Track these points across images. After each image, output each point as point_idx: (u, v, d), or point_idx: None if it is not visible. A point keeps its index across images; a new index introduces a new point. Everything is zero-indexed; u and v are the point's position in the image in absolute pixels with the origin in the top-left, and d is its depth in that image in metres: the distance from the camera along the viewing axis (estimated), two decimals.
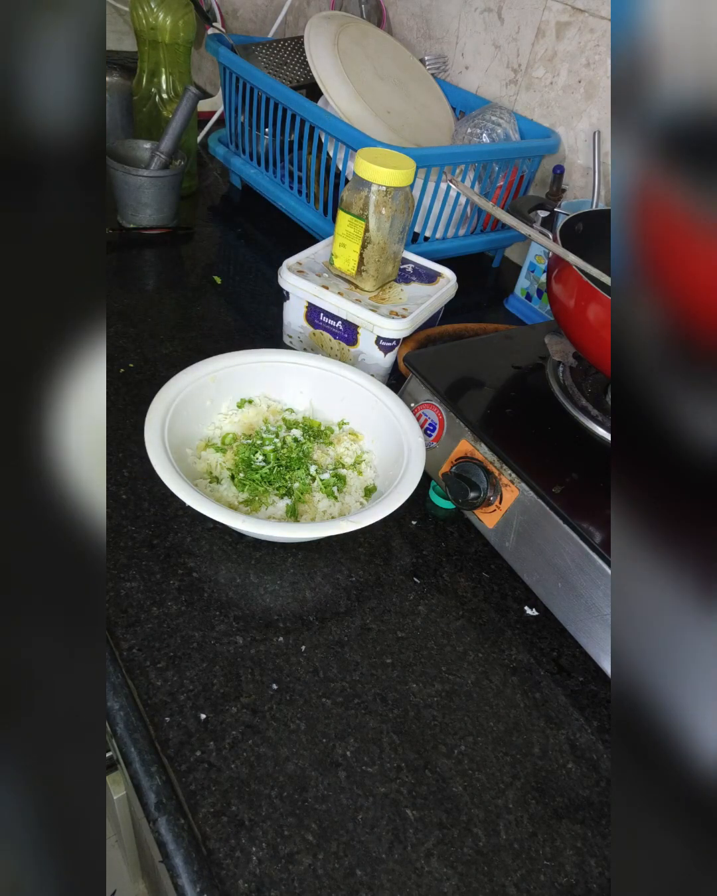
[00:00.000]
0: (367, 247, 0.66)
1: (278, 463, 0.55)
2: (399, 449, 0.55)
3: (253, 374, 0.60)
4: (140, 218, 0.88)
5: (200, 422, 0.58)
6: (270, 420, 0.60)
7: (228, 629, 0.47)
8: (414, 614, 0.51)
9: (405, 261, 0.75)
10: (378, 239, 0.66)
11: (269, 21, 1.23)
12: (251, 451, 0.55)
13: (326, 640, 0.48)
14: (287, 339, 0.74)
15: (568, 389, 0.58)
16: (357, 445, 0.60)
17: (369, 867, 0.38)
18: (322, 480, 0.55)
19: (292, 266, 0.69)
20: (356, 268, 0.68)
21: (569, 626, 0.49)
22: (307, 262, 0.71)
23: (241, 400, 0.61)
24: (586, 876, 0.39)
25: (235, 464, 0.55)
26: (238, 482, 0.53)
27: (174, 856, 0.37)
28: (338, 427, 0.62)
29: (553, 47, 0.85)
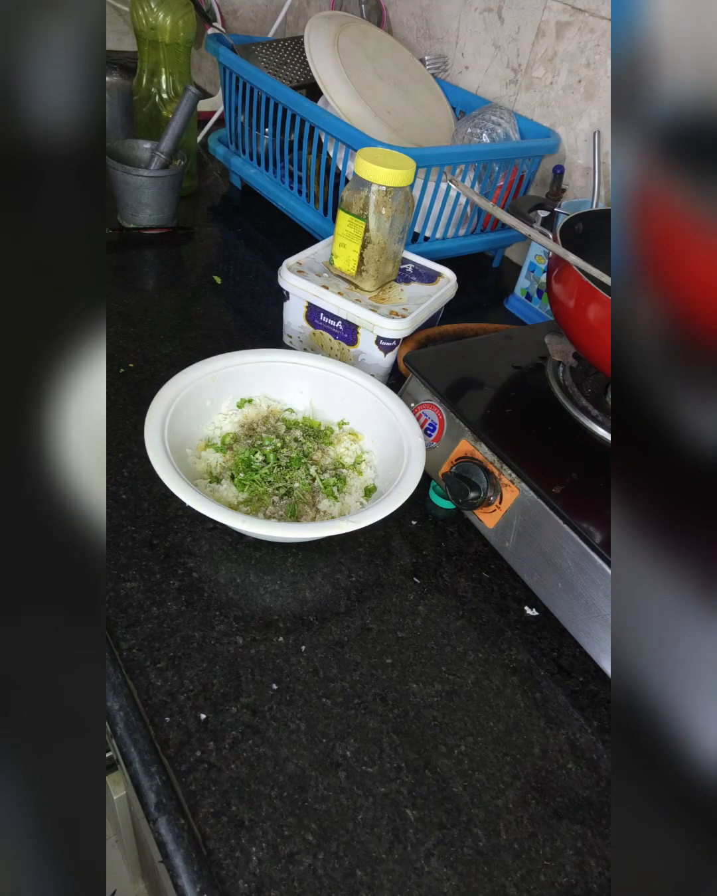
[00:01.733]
0: (367, 247, 0.66)
1: (278, 463, 0.55)
2: (399, 449, 0.55)
3: (253, 374, 0.60)
4: (140, 218, 0.88)
5: (200, 422, 0.58)
6: (271, 420, 0.60)
7: (228, 629, 0.47)
8: (414, 614, 0.51)
9: (405, 261, 0.75)
10: (378, 239, 0.66)
11: (269, 21, 1.23)
12: (251, 451, 0.55)
13: (326, 640, 0.48)
14: (287, 339, 0.74)
15: (568, 389, 0.58)
16: (357, 445, 0.60)
17: (369, 867, 0.38)
18: (322, 480, 0.55)
19: (292, 266, 0.69)
20: (356, 268, 0.68)
21: (569, 626, 0.49)
22: (307, 262, 0.71)
23: (241, 400, 0.60)
24: (586, 876, 0.39)
25: (235, 464, 0.55)
26: (238, 482, 0.53)
27: (174, 856, 0.37)
28: (338, 427, 0.61)
29: (553, 47, 0.85)
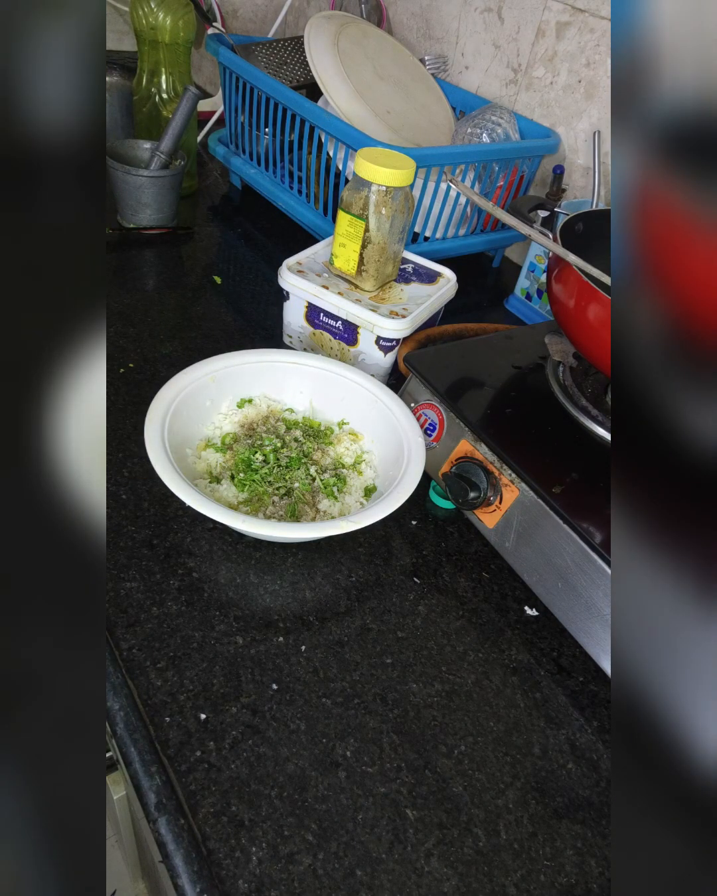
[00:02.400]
0: (367, 247, 0.66)
1: (278, 463, 0.55)
2: (399, 449, 0.55)
3: (253, 374, 0.60)
4: (140, 218, 0.88)
5: (200, 422, 0.58)
6: (271, 420, 0.60)
7: (228, 629, 0.47)
8: (414, 614, 0.51)
9: (405, 261, 0.75)
10: (378, 239, 0.66)
11: (269, 21, 1.23)
12: (251, 451, 0.55)
13: (326, 640, 0.48)
14: (287, 339, 0.74)
15: (568, 389, 0.58)
16: (357, 445, 0.60)
17: (369, 867, 0.38)
18: (322, 480, 0.55)
19: (292, 266, 0.69)
20: (356, 268, 0.68)
21: (569, 626, 0.49)
22: (307, 262, 0.71)
23: (241, 400, 0.60)
24: (586, 876, 0.39)
25: (235, 464, 0.55)
26: (238, 482, 0.53)
27: (174, 856, 0.37)
28: (338, 427, 0.61)
29: (553, 47, 0.85)
